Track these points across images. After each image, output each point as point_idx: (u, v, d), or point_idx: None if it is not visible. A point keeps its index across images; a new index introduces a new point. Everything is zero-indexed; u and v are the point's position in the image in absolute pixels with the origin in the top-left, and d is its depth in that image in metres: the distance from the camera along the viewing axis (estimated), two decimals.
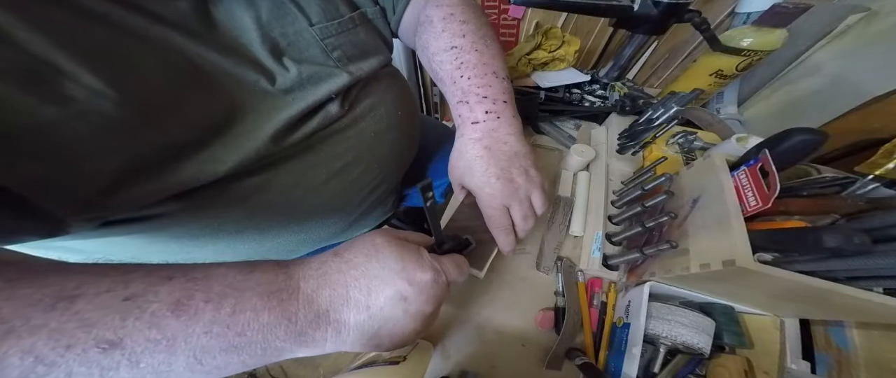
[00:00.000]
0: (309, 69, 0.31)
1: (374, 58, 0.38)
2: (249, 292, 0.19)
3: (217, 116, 0.27)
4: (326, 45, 0.33)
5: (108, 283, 0.17)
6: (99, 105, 0.20)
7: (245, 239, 0.36)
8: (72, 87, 0.19)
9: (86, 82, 0.19)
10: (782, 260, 0.27)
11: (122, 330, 0.16)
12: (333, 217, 0.42)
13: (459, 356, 0.38)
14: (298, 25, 0.30)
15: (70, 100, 0.19)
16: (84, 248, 0.29)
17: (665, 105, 0.47)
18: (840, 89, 0.55)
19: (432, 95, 1.29)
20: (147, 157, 0.24)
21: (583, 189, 0.51)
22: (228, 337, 0.18)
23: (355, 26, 0.35)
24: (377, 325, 0.22)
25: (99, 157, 0.21)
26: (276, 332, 0.19)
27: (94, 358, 0.15)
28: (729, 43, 0.56)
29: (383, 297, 0.22)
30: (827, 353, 0.35)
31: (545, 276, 0.44)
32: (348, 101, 0.36)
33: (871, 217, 0.27)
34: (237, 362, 0.19)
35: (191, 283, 0.18)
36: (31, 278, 0.16)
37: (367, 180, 0.42)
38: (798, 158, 0.33)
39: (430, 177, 0.70)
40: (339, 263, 0.23)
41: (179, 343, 0.17)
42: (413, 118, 0.49)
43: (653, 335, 0.34)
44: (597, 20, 0.87)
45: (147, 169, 0.24)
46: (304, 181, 0.35)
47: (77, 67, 0.19)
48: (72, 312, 0.15)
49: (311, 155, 0.34)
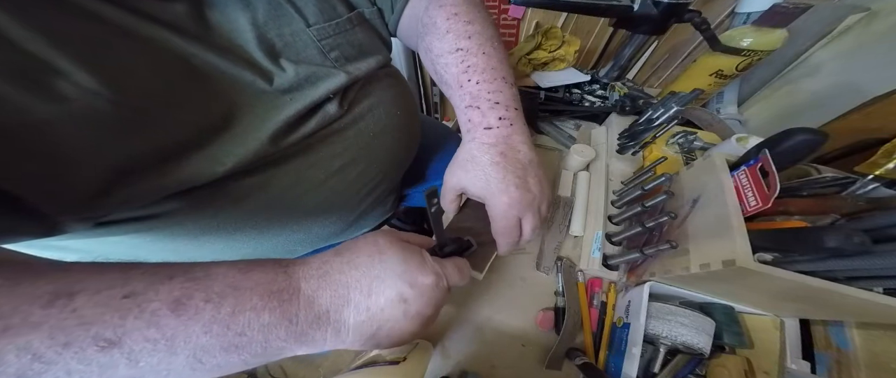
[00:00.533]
0: (306, 70, 0.31)
1: (372, 58, 0.38)
2: (249, 292, 0.19)
3: (214, 116, 0.27)
4: (324, 46, 0.33)
5: (108, 281, 0.17)
6: (93, 103, 0.20)
7: (244, 239, 0.36)
8: (66, 86, 0.19)
9: (80, 81, 0.19)
10: (782, 260, 0.27)
11: (120, 329, 0.16)
12: (333, 217, 0.42)
13: (459, 356, 0.38)
14: (295, 26, 0.30)
15: (65, 98, 0.19)
16: (82, 248, 0.29)
17: (665, 105, 0.47)
18: (840, 89, 0.55)
19: (432, 95, 1.29)
20: (143, 156, 0.24)
21: (583, 189, 0.51)
22: (228, 336, 0.18)
23: (353, 27, 0.35)
24: (376, 325, 0.22)
25: (94, 155, 0.21)
26: (277, 332, 0.19)
27: (93, 356, 0.15)
28: (729, 43, 0.56)
29: (384, 298, 0.22)
30: (827, 353, 0.35)
31: (545, 276, 0.44)
32: (347, 101, 0.36)
33: (871, 217, 0.27)
34: (238, 361, 0.19)
35: (191, 283, 0.18)
36: (30, 276, 0.16)
37: (367, 180, 0.42)
38: (798, 158, 0.33)
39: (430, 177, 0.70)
40: (340, 264, 0.23)
41: (179, 342, 0.17)
42: (413, 118, 0.49)
43: (653, 335, 0.34)
44: (597, 20, 0.87)
45: (143, 168, 0.24)
46: (302, 181, 0.35)
47: (71, 66, 0.19)
48: (70, 310, 0.15)
49: (310, 155, 0.34)
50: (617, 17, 0.58)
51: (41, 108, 0.18)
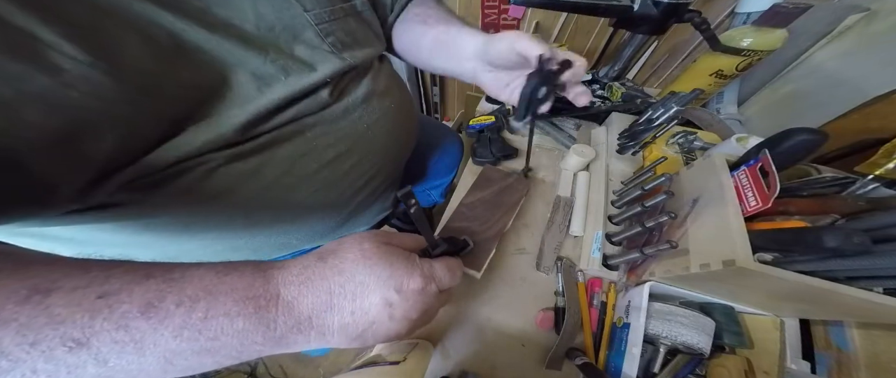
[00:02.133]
0: (304, 52, 0.32)
1: (365, 48, 0.39)
2: (224, 297, 0.19)
3: (209, 90, 0.27)
4: (321, 30, 0.33)
5: (87, 279, 0.17)
6: (87, 74, 0.20)
7: (236, 231, 0.36)
8: (58, 57, 0.19)
9: (70, 52, 0.20)
10: (782, 260, 0.27)
11: (89, 329, 0.16)
12: (327, 210, 0.42)
13: (459, 356, 0.38)
14: (294, 10, 0.31)
15: (60, 69, 0.19)
16: (75, 237, 0.29)
17: (665, 105, 0.47)
18: (840, 89, 0.55)
19: (432, 95, 1.29)
20: (145, 126, 0.24)
21: (583, 189, 0.51)
22: (200, 341, 0.18)
23: (346, 15, 0.36)
24: (361, 327, 0.23)
25: (95, 126, 0.22)
26: (253, 337, 0.20)
27: (61, 356, 0.15)
28: (729, 43, 0.56)
29: (368, 302, 0.22)
30: (827, 353, 0.35)
31: (545, 276, 0.44)
32: (339, 88, 0.37)
33: (871, 217, 0.27)
34: (211, 363, 0.19)
35: (165, 285, 0.18)
36: (14, 268, 0.16)
37: (360, 173, 0.43)
38: (798, 158, 0.33)
39: (431, 175, 0.70)
40: (322, 269, 0.23)
41: (148, 345, 0.17)
42: (407, 113, 0.49)
43: (653, 335, 0.34)
44: (597, 20, 0.87)
45: (144, 139, 0.24)
46: (295, 170, 0.35)
47: (59, 39, 0.19)
48: (43, 307, 0.15)
49: (302, 142, 0.35)
50: (617, 17, 0.58)
51: (40, 78, 0.19)
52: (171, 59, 0.25)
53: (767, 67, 0.65)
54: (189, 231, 0.33)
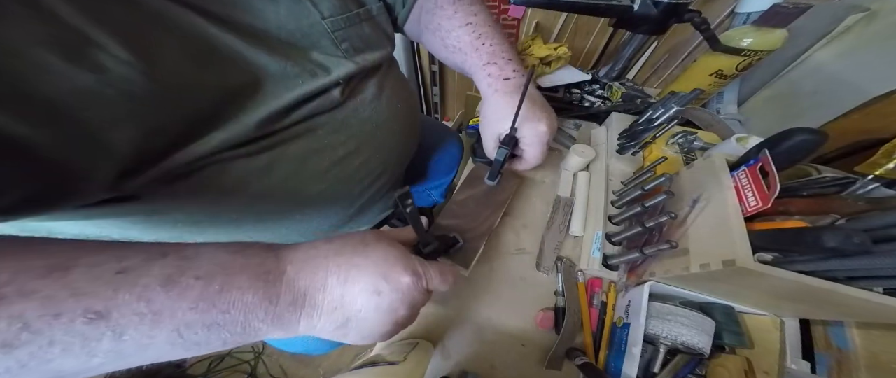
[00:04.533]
0: (320, 56, 0.34)
1: (377, 51, 0.40)
2: (239, 271, 0.20)
3: (235, 93, 0.29)
4: (336, 37, 0.35)
5: (104, 257, 0.18)
6: (128, 74, 0.21)
7: (246, 228, 0.37)
8: (104, 57, 0.20)
9: (115, 53, 0.21)
10: (782, 260, 0.27)
11: (111, 301, 0.16)
12: (334, 207, 0.43)
13: (459, 356, 0.38)
14: (312, 18, 0.33)
15: (103, 68, 0.20)
16: (82, 233, 0.29)
17: (665, 105, 0.47)
18: (840, 89, 0.55)
19: (432, 95, 1.29)
20: (175, 125, 0.25)
21: (583, 189, 0.51)
22: (212, 314, 0.19)
23: (361, 21, 0.38)
24: (347, 315, 0.23)
25: (129, 124, 0.23)
26: (257, 313, 0.20)
27: (79, 328, 0.16)
28: (729, 43, 0.56)
29: (358, 287, 0.23)
30: (827, 353, 0.35)
31: (545, 276, 0.44)
32: (350, 88, 0.38)
33: (871, 217, 0.27)
34: (217, 340, 0.20)
35: (183, 261, 0.19)
36: (31, 249, 0.17)
37: (368, 171, 0.44)
38: (798, 158, 0.32)
39: (431, 175, 0.71)
40: (327, 250, 0.24)
41: (165, 317, 0.17)
42: (413, 112, 0.51)
43: (653, 335, 0.34)
44: (597, 20, 0.87)
45: (169, 137, 0.26)
46: (305, 168, 0.36)
47: (108, 39, 0.20)
48: (65, 282, 0.16)
49: (312, 140, 0.36)
50: (617, 17, 0.58)
51: (84, 77, 0.20)
52: (205, 62, 0.26)
53: (767, 67, 0.65)
54: (199, 226, 0.33)
